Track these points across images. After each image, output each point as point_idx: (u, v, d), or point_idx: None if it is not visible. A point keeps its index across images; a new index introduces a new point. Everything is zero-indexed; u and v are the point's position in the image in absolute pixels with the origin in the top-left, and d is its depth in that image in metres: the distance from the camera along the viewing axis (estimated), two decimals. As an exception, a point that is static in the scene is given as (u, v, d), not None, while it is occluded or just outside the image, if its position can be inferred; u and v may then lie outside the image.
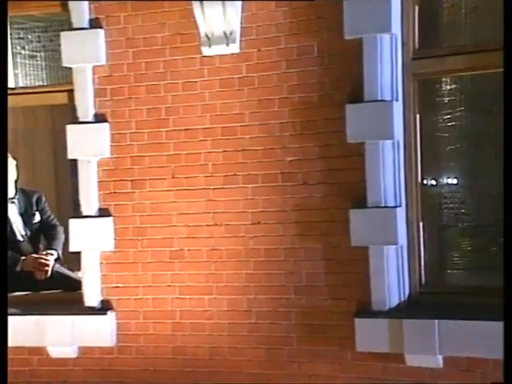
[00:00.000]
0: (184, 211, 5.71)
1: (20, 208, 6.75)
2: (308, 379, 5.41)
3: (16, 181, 6.80)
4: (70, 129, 5.91)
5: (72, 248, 5.95)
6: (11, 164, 6.68)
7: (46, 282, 6.48)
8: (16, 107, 6.72)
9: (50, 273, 6.51)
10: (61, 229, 6.79)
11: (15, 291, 6.31)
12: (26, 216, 6.74)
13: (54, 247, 6.63)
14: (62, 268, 6.69)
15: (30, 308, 6.05)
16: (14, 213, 6.71)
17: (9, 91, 6.09)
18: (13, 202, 6.72)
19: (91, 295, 5.89)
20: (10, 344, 5.76)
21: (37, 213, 6.78)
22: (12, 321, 5.73)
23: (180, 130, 5.70)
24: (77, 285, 6.30)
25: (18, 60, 6.32)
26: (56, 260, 6.61)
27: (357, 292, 5.26)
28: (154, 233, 5.76)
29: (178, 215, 5.73)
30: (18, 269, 6.48)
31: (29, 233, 6.73)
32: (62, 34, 5.89)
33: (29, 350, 5.97)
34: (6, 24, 5.35)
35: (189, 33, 5.64)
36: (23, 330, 5.88)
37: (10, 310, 5.87)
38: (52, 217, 6.88)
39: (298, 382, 5.43)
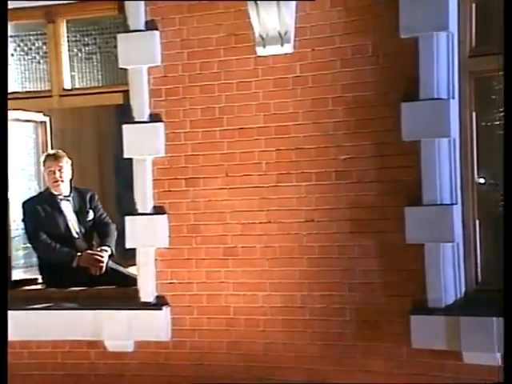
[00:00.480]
0: (237, 209, 5.42)
1: (75, 206, 6.49)
2: (363, 375, 5.08)
3: (71, 180, 6.54)
4: (126, 128, 5.65)
5: (128, 245, 5.66)
6: (67, 163, 6.44)
7: (101, 278, 6.22)
8: (64, 109, 6.49)
9: (104, 269, 6.23)
10: (113, 226, 6.53)
11: (71, 286, 6.06)
12: (80, 214, 6.49)
13: (107, 244, 6.36)
14: (116, 264, 6.42)
15: (88, 303, 5.80)
16: (69, 211, 6.46)
17: (65, 92, 5.89)
18: (68, 200, 6.47)
19: (147, 291, 5.61)
20: (68, 337, 5.59)
21: (90, 211, 6.52)
22: (70, 315, 5.55)
23: (234, 129, 5.40)
24: (130, 281, 6.05)
25: (75, 62, 6.01)
26: (109, 256, 6.33)
27: (412, 289, 4.92)
28: (208, 230, 5.47)
29: (232, 213, 5.43)
30: (74, 265, 6.24)
31: (83, 230, 6.48)
32: (119, 36, 5.62)
33: (87, 344, 5.70)
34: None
35: (243, 33, 5.34)
36: (82, 324, 5.63)
37: (67, 305, 5.67)
38: (104, 215, 6.61)
39: (353, 378, 5.10)
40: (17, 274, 6.50)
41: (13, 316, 5.54)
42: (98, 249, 6.33)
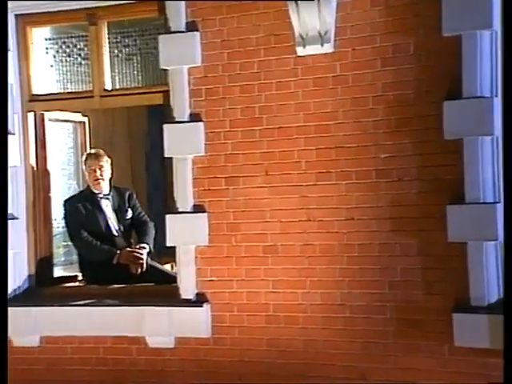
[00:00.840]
0: (277, 207, 5.19)
1: (114, 204, 6.28)
2: (404, 373, 4.84)
3: (110, 178, 6.34)
4: (167, 128, 5.43)
5: (169, 243, 5.44)
6: (107, 162, 6.24)
7: (140, 275, 5.99)
8: (97, 109, 6.29)
9: (144, 266, 6.03)
10: (151, 224, 6.30)
11: (111, 283, 5.85)
12: (119, 212, 6.26)
13: (146, 241, 6.13)
14: (155, 262, 6.21)
15: (129, 299, 5.58)
16: (108, 209, 6.25)
17: (106, 93, 5.69)
18: (107, 199, 6.27)
19: (187, 288, 5.39)
20: (110, 333, 5.39)
21: (129, 209, 6.29)
22: (112, 311, 5.37)
23: (273, 128, 5.17)
24: (168, 278, 5.84)
25: (116, 63, 5.81)
26: (148, 254, 6.12)
27: (454, 287, 4.67)
28: (248, 228, 5.25)
29: (272, 211, 5.20)
30: (114, 262, 6.01)
31: (122, 228, 6.25)
32: (160, 37, 5.40)
33: (128, 340, 5.48)
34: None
35: (283, 33, 5.12)
36: (123, 320, 5.43)
37: (109, 301, 5.47)
38: (142, 213, 6.39)
39: (394, 376, 4.86)
40: (57, 272, 6.29)
41: (56, 312, 5.46)
42: (137, 246, 6.09)
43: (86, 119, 6.73)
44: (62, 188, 6.50)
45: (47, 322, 5.57)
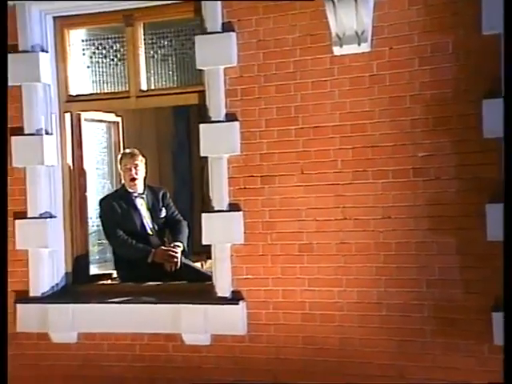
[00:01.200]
0: (313, 206, 4.97)
1: (148, 203, 6.07)
2: (443, 372, 4.60)
3: (145, 177, 6.13)
4: (203, 128, 5.21)
5: (205, 241, 5.23)
6: (141, 161, 6.04)
7: (174, 273, 5.79)
8: (127, 110, 6.10)
9: (178, 264, 5.81)
10: (185, 223, 6.09)
11: (146, 281, 5.65)
12: (153, 211, 6.04)
13: (180, 240, 5.92)
14: (188, 260, 5.99)
15: (165, 297, 5.37)
16: (143, 208, 6.05)
17: (142, 93, 5.50)
18: (142, 198, 6.06)
19: (223, 286, 5.18)
20: (147, 330, 5.20)
21: (163, 208, 6.08)
22: (149, 309, 5.20)
23: (309, 127, 4.96)
24: (202, 277, 5.66)
25: (151, 64, 5.60)
26: (182, 252, 5.90)
27: (493, 286, 4.42)
28: (283, 227, 5.03)
29: (307, 210, 4.98)
30: (149, 260, 5.81)
31: (156, 227, 6.03)
32: (196, 37, 5.18)
33: (165, 337, 5.28)
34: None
35: (319, 33, 4.90)
36: (159, 317, 5.23)
37: (146, 299, 5.28)
38: (176, 212, 6.16)
39: (432, 374, 4.62)
40: (92, 270, 6.06)
41: (93, 309, 5.28)
42: (172, 245, 5.88)
43: (119, 119, 6.50)
44: (96, 187, 6.26)
45: (84, 318, 5.40)
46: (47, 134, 5.55)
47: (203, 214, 5.23)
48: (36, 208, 5.54)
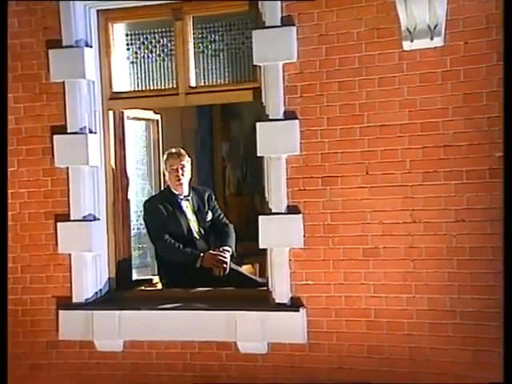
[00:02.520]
0: (379, 208, 4.72)
1: (194, 206, 5.78)
2: (524, 383, 4.34)
3: (190, 179, 5.85)
4: (260, 126, 4.96)
5: (262, 245, 4.98)
6: (188, 162, 5.76)
7: (222, 279, 5.51)
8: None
9: (227, 270, 5.53)
10: (231, 227, 5.81)
11: (193, 287, 5.39)
12: (199, 214, 5.75)
13: (228, 244, 5.64)
14: (237, 266, 5.71)
15: (216, 303, 5.12)
16: (189, 210, 5.76)
17: (191, 90, 5.23)
18: (187, 200, 5.78)
19: (281, 292, 4.92)
20: (198, 338, 4.94)
21: (209, 211, 5.80)
22: (200, 315, 4.97)
23: (375, 126, 4.71)
24: (251, 283, 5.46)
25: (201, 59, 5.32)
26: (231, 257, 5.62)
27: None
28: (347, 230, 4.78)
29: (373, 212, 4.73)
30: (198, 265, 5.52)
31: (202, 231, 5.75)
32: (254, 32, 4.93)
33: (218, 345, 5.01)
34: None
35: (387, 27, 4.65)
36: (212, 324, 4.99)
37: (196, 305, 5.06)
38: (222, 215, 5.88)
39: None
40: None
41: (140, 316, 5.07)
42: (221, 249, 5.59)
43: (158, 117, 6.20)
44: (136, 188, 5.96)
45: (131, 326, 5.16)
46: (91, 132, 5.32)
47: (260, 217, 4.99)
48: (79, 210, 5.30)
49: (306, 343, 4.85)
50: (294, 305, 4.86)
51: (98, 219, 5.34)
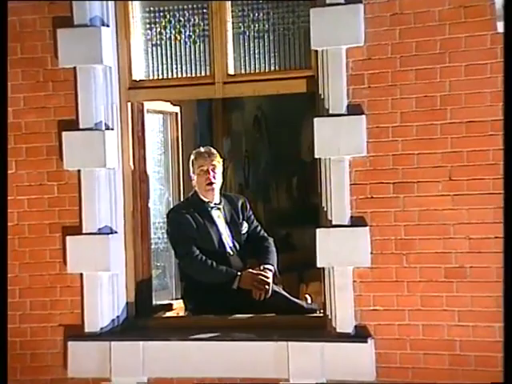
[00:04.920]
0: (465, 221, 4.38)
1: (226, 216, 5.34)
2: None
3: (222, 183, 5.40)
4: (317, 122, 4.60)
5: (320, 263, 4.62)
6: (219, 163, 5.31)
7: (262, 304, 5.08)
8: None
9: (270, 292, 5.08)
10: (271, 240, 5.39)
11: (228, 313, 5.00)
12: (233, 225, 5.32)
13: (270, 262, 5.20)
14: (279, 287, 5.26)
15: (261, 333, 4.75)
16: (221, 221, 5.31)
17: (230, 79, 4.85)
18: (218, 209, 5.33)
19: (344, 319, 4.56)
20: (240, 374, 4.54)
21: (244, 222, 5.36)
22: (242, 347, 4.64)
23: (461, 122, 4.38)
24: (296, 308, 5.09)
25: (241, 42, 4.91)
26: (273, 277, 5.18)
27: None
28: (425, 246, 4.45)
29: (457, 225, 4.39)
30: (235, 286, 5.08)
31: (237, 245, 5.31)
32: (312, 11, 4.55)
33: (265, 382, 4.63)
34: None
35: (477, 5, 4.33)
36: (258, 358, 4.63)
37: (238, 335, 4.73)
38: (259, 227, 5.45)
39: None
40: (151, 298, 5.35)
41: (167, 348, 4.75)
42: (261, 267, 5.15)
43: (177, 109, 5.74)
44: (153, 195, 5.48)
45: (158, 360, 4.78)
46: (107, 129, 4.93)
47: (318, 230, 4.64)
48: (93, 221, 4.93)
49: (375, 381, 4.52)
50: (360, 335, 4.54)
51: (116, 232, 4.97)
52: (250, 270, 5.15)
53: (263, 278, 5.08)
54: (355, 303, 4.55)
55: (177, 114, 5.75)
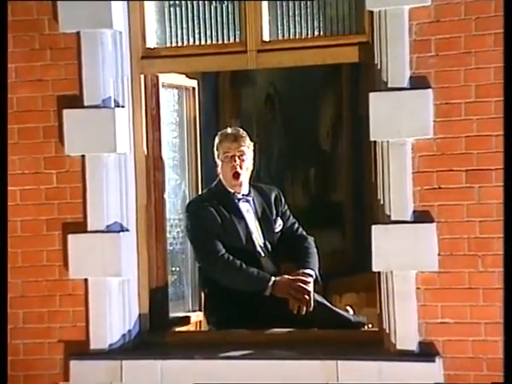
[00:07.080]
0: (556, 216, 4.16)
1: (256, 210, 5.03)
2: None
3: (252, 172, 5.07)
4: (374, 98, 4.35)
5: (376, 267, 4.37)
6: (249, 148, 5.03)
7: (300, 316, 4.75)
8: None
9: (312, 303, 4.75)
10: (311, 240, 5.09)
11: (263, 327, 4.74)
12: (264, 221, 5.01)
13: (310, 267, 4.88)
14: (321, 297, 4.95)
15: (305, 350, 4.49)
16: (250, 216, 5.00)
17: (265, 46, 4.62)
18: (247, 201, 5.03)
19: (405, 334, 4.33)
20: None
21: (278, 218, 5.06)
22: (282, 366, 4.43)
23: (551, 97, 4.15)
24: (342, 322, 4.82)
25: (278, 4, 4.63)
26: (314, 285, 4.87)
27: None
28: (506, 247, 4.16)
29: (546, 221, 4.18)
30: (267, 293, 4.77)
31: (269, 245, 5.00)
32: (369, -34, 4.36)
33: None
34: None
35: None
36: (302, 379, 4.37)
37: (275, 352, 4.48)
38: (297, 224, 5.13)
39: None
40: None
41: (194, 368, 4.53)
42: (300, 272, 4.82)
43: (194, 83, 5.44)
44: (167, 185, 5.18)
45: (179, 381, 4.55)
46: (117, 106, 4.69)
47: (373, 227, 4.38)
48: (102, 217, 4.68)
49: (444, 407, 4.31)
50: (426, 353, 4.32)
51: (127, 230, 4.72)
52: (286, 276, 4.84)
53: (303, 285, 4.76)
54: (419, 315, 4.36)
55: (194, 88, 5.48)
